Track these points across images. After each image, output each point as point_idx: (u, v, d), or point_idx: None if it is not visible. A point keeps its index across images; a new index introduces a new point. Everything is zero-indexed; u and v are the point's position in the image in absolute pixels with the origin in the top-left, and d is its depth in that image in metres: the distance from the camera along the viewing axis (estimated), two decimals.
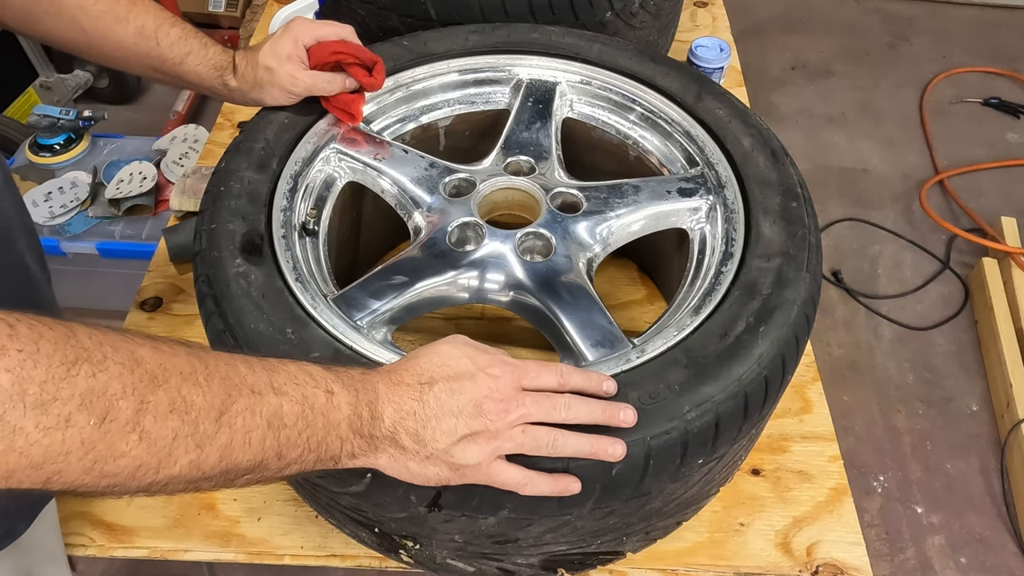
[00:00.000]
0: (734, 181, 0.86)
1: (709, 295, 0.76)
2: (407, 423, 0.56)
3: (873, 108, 2.79)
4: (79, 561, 1.18)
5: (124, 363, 0.43)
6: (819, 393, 0.99)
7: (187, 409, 0.45)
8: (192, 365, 0.47)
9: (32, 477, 0.40)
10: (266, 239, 0.77)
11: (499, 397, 0.58)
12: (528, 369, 0.60)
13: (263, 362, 0.52)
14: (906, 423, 1.90)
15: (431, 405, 0.56)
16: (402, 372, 0.58)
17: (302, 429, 0.51)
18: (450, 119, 1.03)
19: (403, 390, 0.57)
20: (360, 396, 0.55)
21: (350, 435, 0.54)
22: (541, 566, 0.76)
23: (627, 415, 0.62)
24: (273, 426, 0.50)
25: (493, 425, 0.57)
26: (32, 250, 0.83)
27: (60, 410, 0.39)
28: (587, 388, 0.63)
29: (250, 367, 0.50)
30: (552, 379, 0.61)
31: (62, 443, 0.40)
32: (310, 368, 0.54)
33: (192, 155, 1.79)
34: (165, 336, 0.49)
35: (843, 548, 0.85)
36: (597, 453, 0.60)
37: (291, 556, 0.85)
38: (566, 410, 0.60)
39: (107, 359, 0.42)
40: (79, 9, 0.80)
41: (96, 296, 1.81)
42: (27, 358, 0.39)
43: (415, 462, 0.57)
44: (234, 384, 0.48)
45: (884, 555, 1.67)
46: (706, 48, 1.35)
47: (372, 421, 0.55)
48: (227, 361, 0.49)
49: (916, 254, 2.29)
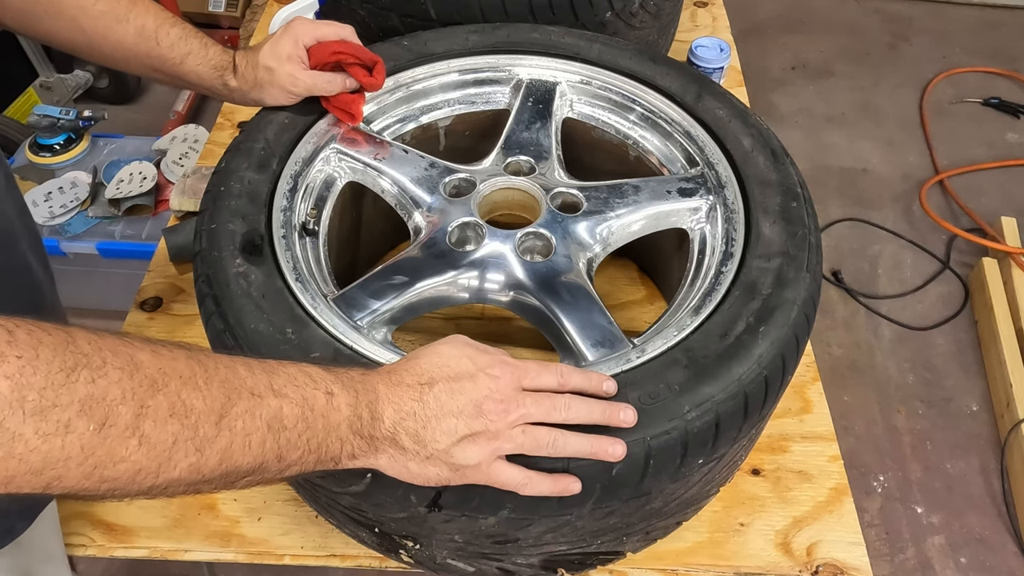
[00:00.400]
0: (734, 181, 0.86)
1: (709, 295, 0.76)
2: (407, 423, 0.56)
3: (873, 108, 2.79)
4: (79, 561, 1.18)
5: (123, 368, 0.43)
6: (819, 393, 0.99)
7: (187, 413, 0.45)
8: (191, 369, 0.47)
9: (32, 482, 0.40)
10: (266, 239, 0.77)
11: (499, 397, 0.58)
12: (528, 369, 0.60)
13: (263, 364, 0.52)
14: (906, 423, 1.90)
15: (431, 406, 0.56)
16: (402, 373, 0.58)
17: (302, 431, 0.51)
18: (450, 119, 1.03)
19: (403, 390, 0.57)
20: (360, 397, 0.55)
21: (350, 436, 0.54)
22: (541, 566, 0.76)
23: (627, 415, 0.62)
24: (273, 428, 0.50)
25: (493, 425, 0.57)
26: (35, 251, 0.83)
27: (59, 416, 0.39)
28: (587, 388, 0.63)
29: (250, 370, 0.50)
30: (552, 379, 0.61)
31: (61, 449, 0.40)
32: (310, 370, 0.54)
33: (192, 155, 1.79)
34: (164, 339, 0.48)
35: (843, 548, 0.85)
36: (597, 453, 0.60)
37: (291, 556, 0.85)
38: (566, 410, 0.60)
39: (106, 364, 0.42)
40: (79, 9, 0.80)
41: (96, 296, 1.81)
42: (26, 364, 0.39)
43: (415, 462, 0.57)
44: (234, 387, 0.48)
45: (884, 555, 1.67)
46: (706, 48, 1.35)
47: (372, 422, 0.55)
48: (227, 364, 0.49)
49: (916, 254, 2.29)
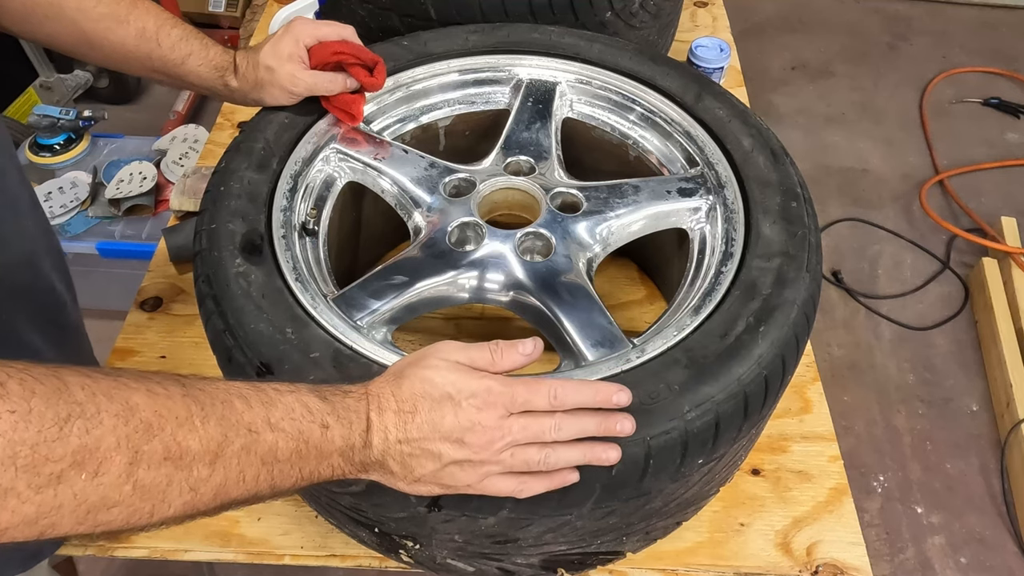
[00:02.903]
0: (734, 181, 0.86)
1: (709, 295, 0.76)
2: (393, 451, 0.56)
3: (873, 108, 2.79)
4: (79, 561, 1.17)
5: (119, 414, 0.42)
6: (819, 393, 0.99)
7: (182, 455, 0.45)
8: (188, 408, 0.46)
9: (25, 532, 0.40)
10: (266, 239, 0.77)
11: (481, 430, 0.56)
12: (516, 394, 0.57)
13: (260, 395, 0.51)
14: (906, 423, 1.90)
15: (414, 435, 0.56)
16: (388, 398, 0.57)
17: (295, 462, 0.51)
18: (450, 119, 1.03)
19: (388, 418, 0.56)
20: (353, 427, 0.55)
21: (341, 463, 0.55)
22: (541, 566, 0.76)
23: (624, 426, 0.60)
24: (267, 463, 0.50)
25: (478, 456, 0.57)
26: (58, 271, 0.82)
27: (52, 469, 0.39)
28: (589, 403, 0.60)
29: (247, 403, 0.50)
30: (543, 402, 0.58)
31: (54, 498, 0.40)
32: (307, 399, 0.53)
33: (192, 155, 1.79)
34: (159, 373, 0.48)
35: (843, 548, 0.85)
36: (591, 461, 0.60)
37: (291, 556, 0.85)
38: (555, 433, 0.58)
39: (100, 412, 0.41)
40: (79, 12, 0.79)
41: (96, 296, 1.80)
42: (19, 420, 0.38)
43: (404, 483, 0.58)
44: (231, 423, 0.48)
45: (884, 555, 1.67)
46: (706, 48, 1.35)
47: (363, 449, 0.55)
48: (223, 398, 0.49)
49: (916, 254, 2.29)
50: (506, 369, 0.60)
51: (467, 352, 0.60)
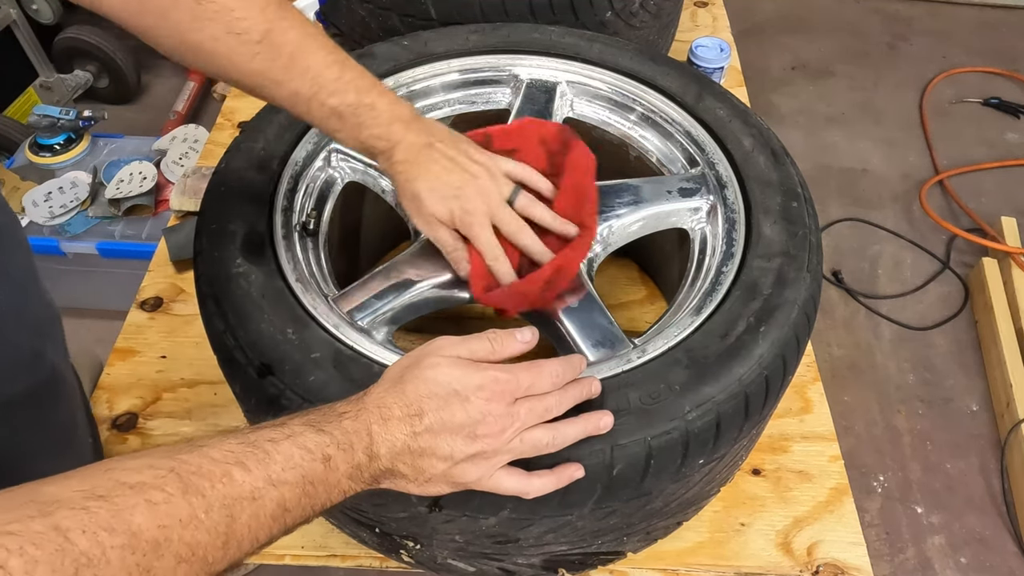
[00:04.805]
0: (735, 181, 0.86)
1: (710, 295, 0.76)
2: (403, 456, 0.56)
3: (873, 108, 2.79)
4: None
5: (124, 546, 0.41)
6: (819, 393, 0.99)
7: (193, 551, 0.44)
8: (190, 504, 0.45)
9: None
10: (267, 239, 0.77)
11: (493, 420, 0.57)
12: (520, 380, 0.59)
13: (256, 453, 0.50)
14: (906, 423, 1.90)
15: (424, 438, 0.55)
16: (391, 405, 0.56)
17: (305, 504, 0.51)
18: (450, 119, 1.03)
19: (394, 425, 0.55)
20: (356, 447, 0.54)
21: (351, 484, 0.54)
22: (542, 566, 0.76)
23: (595, 387, 0.64)
24: (277, 517, 0.49)
25: (490, 447, 0.57)
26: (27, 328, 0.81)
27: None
28: (573, 377, 0.63)
29: (245, 470, 0.48)
30: (547, 383, 0.61)
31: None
32: (304, 440, 0.52)
33: (192, 155, 1.79)
34: (151, 457, 0.46)
35: (843, 548, 0.85)
36: (591, 432, 0.62)
37: (291, 556, 0.85)
38: (559, 408, 0.60)
39: (105, 552, 0.40)
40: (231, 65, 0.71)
41: (96, 296, 1.81)
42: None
43: (415, 485, 0.57)
44: (235, 499, 0.47)
45: (884, 555, 1.67)
46: (706, 48, 1.35)
47: (370, 464, 0.55)
48: (221, 473, 0.47)
49: (916, 254, 2.29)
50: (505, 357, 0.61)
51: (466, 345, 0.61)
